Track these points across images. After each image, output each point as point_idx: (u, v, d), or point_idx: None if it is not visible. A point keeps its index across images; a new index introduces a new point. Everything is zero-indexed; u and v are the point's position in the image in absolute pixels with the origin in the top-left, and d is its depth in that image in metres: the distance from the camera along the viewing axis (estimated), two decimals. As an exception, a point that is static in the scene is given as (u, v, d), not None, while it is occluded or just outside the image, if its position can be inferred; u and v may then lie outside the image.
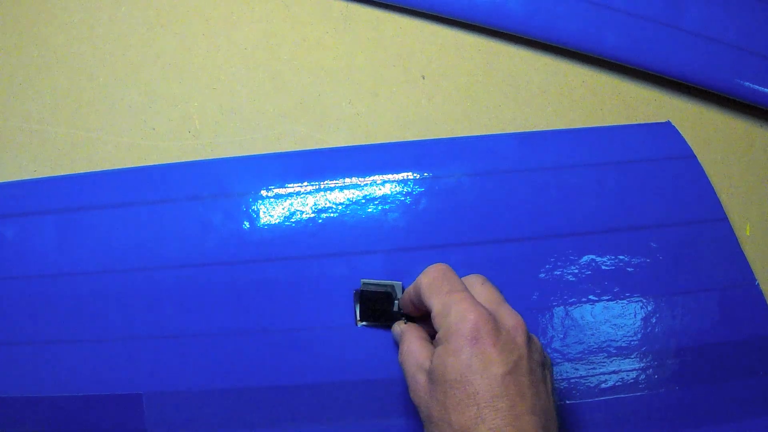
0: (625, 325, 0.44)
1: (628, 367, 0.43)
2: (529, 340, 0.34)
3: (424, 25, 0.54)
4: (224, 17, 0.54)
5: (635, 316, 0.44)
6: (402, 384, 0.40)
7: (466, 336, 0.33)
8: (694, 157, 0.48)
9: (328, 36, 0.54)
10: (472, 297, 0.35)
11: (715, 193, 0.47)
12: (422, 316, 0.41)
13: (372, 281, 0.43)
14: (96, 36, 0.54)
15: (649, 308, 0.45)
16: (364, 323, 0.44)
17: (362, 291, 0.43)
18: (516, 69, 0.53)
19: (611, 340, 0.44)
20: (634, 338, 0.44)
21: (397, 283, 0.43)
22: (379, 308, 0.43)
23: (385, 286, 0.43)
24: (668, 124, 0.49)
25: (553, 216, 0.46)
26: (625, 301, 0.45)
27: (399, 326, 0.41)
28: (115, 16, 0.54)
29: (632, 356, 0.44)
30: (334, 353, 0.43)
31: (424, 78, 0.53)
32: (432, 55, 0.54)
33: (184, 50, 0.53)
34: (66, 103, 0.52)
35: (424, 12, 0.54)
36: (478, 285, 0.37)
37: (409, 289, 0.40)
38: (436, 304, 0.35)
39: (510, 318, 0.35)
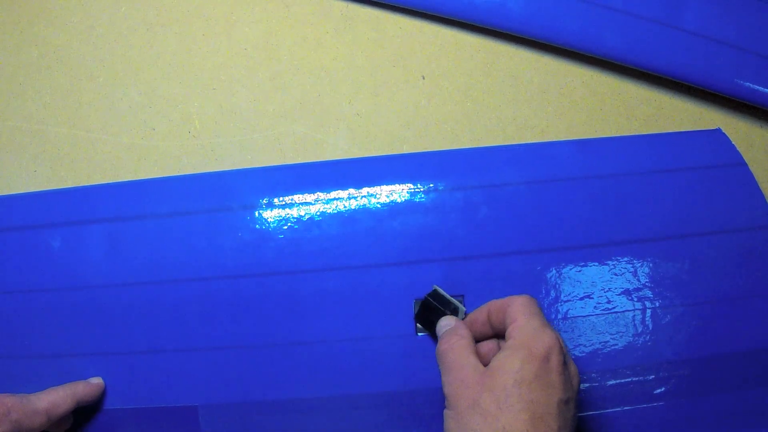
0: (677, 332, 0.44)
1: (683, 372, 0.44)
2: (578, 391, 0.36)
3: (424, 25, 0.54)
4: (224, 17, 0.54)
5: (689, 323, 0.44)
6: None
7: (539, 353, 0.34)
8: (745, 164, 0.48)
9: (328, 36, 0.54)
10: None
11: (766, 200, 0.47)
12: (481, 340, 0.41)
13: (444, 293, 0.43)
14: (96, 36, 0.54)
15: (702, 315, 0.44)
16: (421, 332, 0.43)
17: (427, 299, 0.42)
18: (516, 69, 0.53)
19: (663, 347, 0.44)
20: (686, 345, 0.44)
21: (462, 308, 0.42)
22: (435, 320, 0.42)
23: (451, 304, 0.42)
24: (718, 131, 0.49)
25: (608, 224, 0.46)
26: (680, 309, 0.45)
27: (449, 319, 0.40)
28: (115, 16, 0.54)
29: (683, 363, 0.44)
30: (392, 363, 0.43)
31: (424, 78, 0.53)
32: (432, 55, 0.54)
33: (184, 50, 0.53)
34: (66, 103, 0.52)
35: (424, 12, 0.54)
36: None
37: (485, 309, 0.39)
38: (523, 317, 0.36)
39: (573, 364, 0.37)
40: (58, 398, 0.40)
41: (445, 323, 0.40)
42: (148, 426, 0.43)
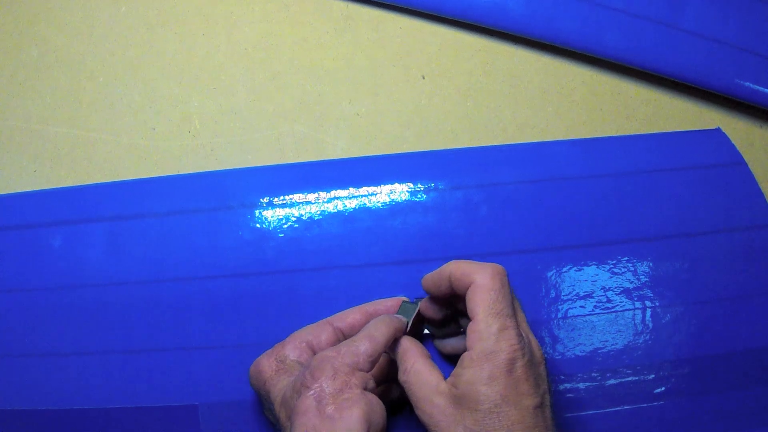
0: (677, 331, 0.44)
1: (683, 372, 0.43)
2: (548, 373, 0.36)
3: (424, 25, 0.54)
4: (224, 17, 0.54)
5: (689, 322, 0.44)
6: None
7: (502, 366, 0.33)
8: (745, 163, 0.48)
9: (328, 36, 0.54)
10: (517, 326, 0.35)
11: (766, 200, 0.47)
12: (440, 297, 0.39)
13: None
14: (96, 36, 0.54)
15: (702, 314, 0.44)
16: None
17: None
18: (516, 69, 0.53)
19: (663, 346, 0.44)
20: (686, 344, 0.44)
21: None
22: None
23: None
24: (718, 130, 0.49)
25: (608, 223, 0.46)
26: (680, 308, 0.45)
27: (403, 341, 0.38)
28: (115, 16, 0.54)
29: (683, 362, 0.44)
30: None
31: (424, 78, 0.53)
32: (432, 55, 0.54)
33: (184, 50, 0.53)
34: (66, 103, 0.52)
35: (424, 12, 0.54)
36: (518, 308, 0.37)
37: (446, 272, 0.37)
38: (482, 318, 0.34)
39: (538, 350, 0.36)
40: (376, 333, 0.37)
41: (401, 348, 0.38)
42: (148, 425, 0.43)
